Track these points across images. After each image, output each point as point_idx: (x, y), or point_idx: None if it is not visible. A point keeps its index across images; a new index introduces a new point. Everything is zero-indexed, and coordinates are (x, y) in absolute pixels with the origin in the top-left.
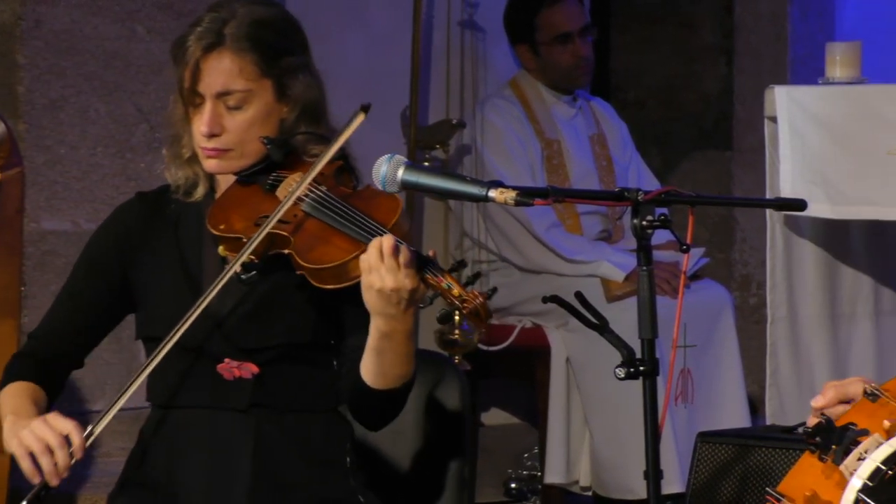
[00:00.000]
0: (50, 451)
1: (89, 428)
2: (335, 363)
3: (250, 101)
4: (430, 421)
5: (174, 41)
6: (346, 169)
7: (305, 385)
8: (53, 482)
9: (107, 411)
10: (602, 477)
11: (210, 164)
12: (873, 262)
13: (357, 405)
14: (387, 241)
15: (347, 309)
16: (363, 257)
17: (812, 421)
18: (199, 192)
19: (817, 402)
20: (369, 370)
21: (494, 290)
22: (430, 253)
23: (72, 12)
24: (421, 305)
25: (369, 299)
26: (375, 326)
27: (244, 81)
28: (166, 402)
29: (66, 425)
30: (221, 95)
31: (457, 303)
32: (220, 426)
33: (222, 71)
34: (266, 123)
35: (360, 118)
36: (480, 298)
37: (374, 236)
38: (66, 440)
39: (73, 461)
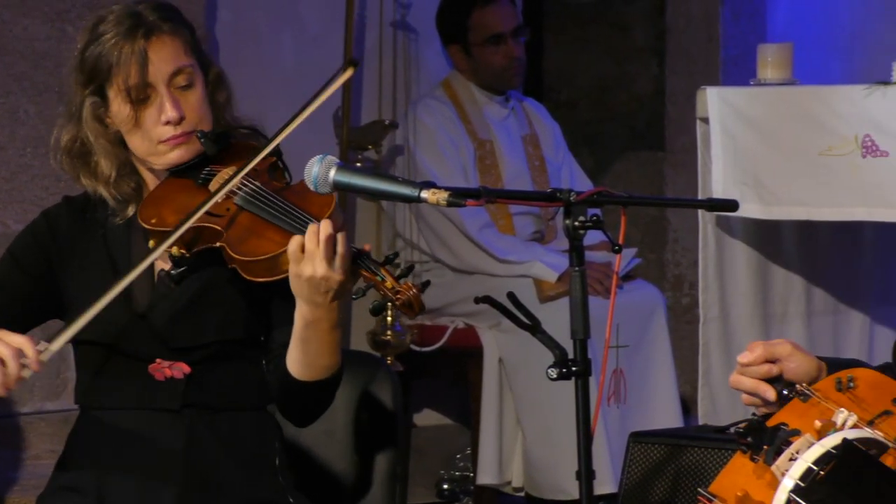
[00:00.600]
0: (2, 363)
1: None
2: (264, 361)
3: (196, 76)
4: (362, 422)
5: (89, 56)
6: (279, 165)
7: (237, 383)
8: (1, 392)
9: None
10: (534, 477)
11: (176, 154)
12: (805, 263)
13: (284, 400)
14: (324, 227)
15: (276, 302)
16: (294, 243)
17: (736, 379)
18: (130, 211)
19: (744, 357)
20: (295, 360)
21: (427, 283)
22: (365, 247)
23: (1, 13)
24: (353, 297)
25: (297, 287)
26: (300, 314)
27: (187, 57)
28: (96, 404)
29: (19, 339)
30: (174, 77)
31: (390, 294)
32: (152, 427)
33: (168, 52)
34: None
35: (350, 72)
36: (414, 290)
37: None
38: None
39: (29, 373)
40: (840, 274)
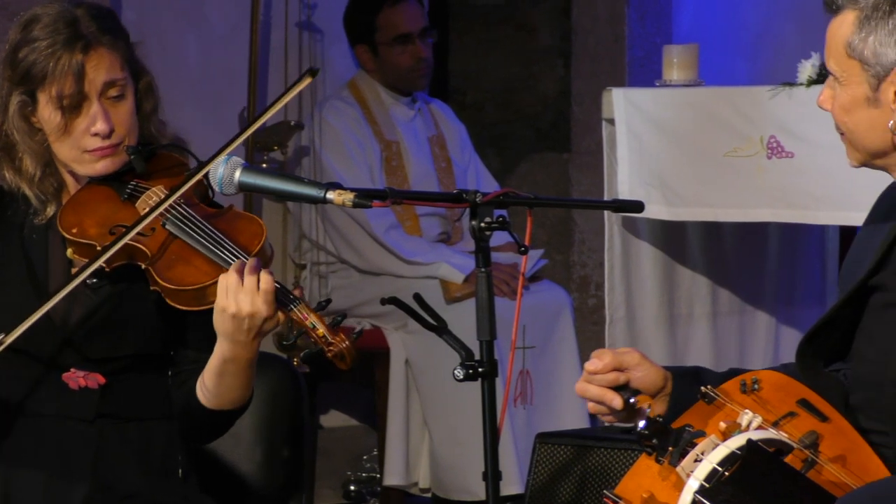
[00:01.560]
0: None
1: None
2: (170, 372)
3: (127, 88)
4: (269, 424)
5: (23, 59)
6: (206, 184)
7: (148, 393)
8: None
9: None
10: (441, 478)
11: (102, 165)
12: (710, 264)
13: (185, 422)
14: (249, 264)
15: (192, 320)
16: (221, 278)
17: (582, 387)
18: (50, 211)
19: (592, 365)
20: (206, 390)
21: (361, 332)
22: (297, 292)
23: None
24: (285, 343)
25: (220, 323)
26: (220, 351)
27: (121, 70)
28: (9, 410)
29: None
30: (106, 88)
31: (322, 344)
32: (64, 436)
33: (105, 66)
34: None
35: (307, 80)
36: (347, 342)
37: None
38: None
39: None
40: (746, 275)
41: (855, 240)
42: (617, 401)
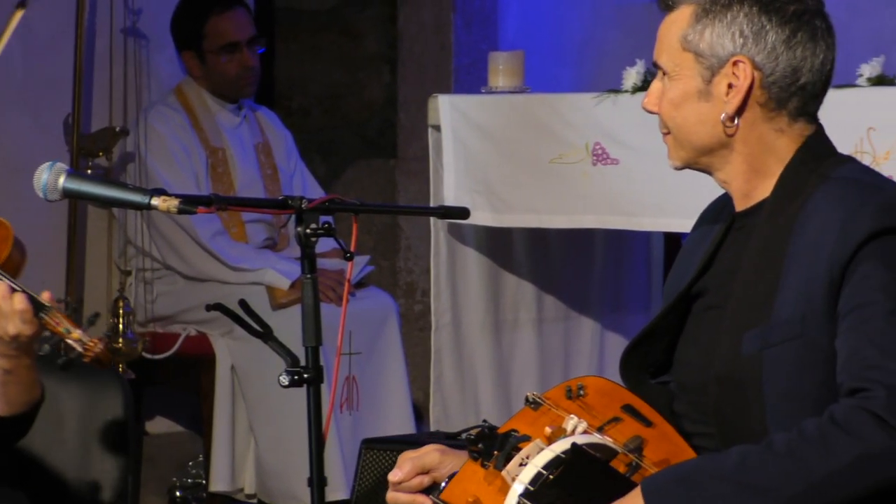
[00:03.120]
0: None
1: None
2: None
3: None
4: (94, 430)
5: None
6: None
7: None
8: None
9: None
10: (267, 484)
11: None
12: (535, 270)
13: None
14: (1, 293)
15: None
16: None
17: (392, 497)
18: None
19: (394, 476)
20: None
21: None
22: (45, 295)
23: None
24: (40, 353)
25: None
26: None
27: None
28: None
29: None
30: None
31: (78, 348)
32: None
33: None
34: None
35: (19, 14)
36: (101, 345)
37: None
38: None
39: None
40: (571, 281)
41: (680, 252)
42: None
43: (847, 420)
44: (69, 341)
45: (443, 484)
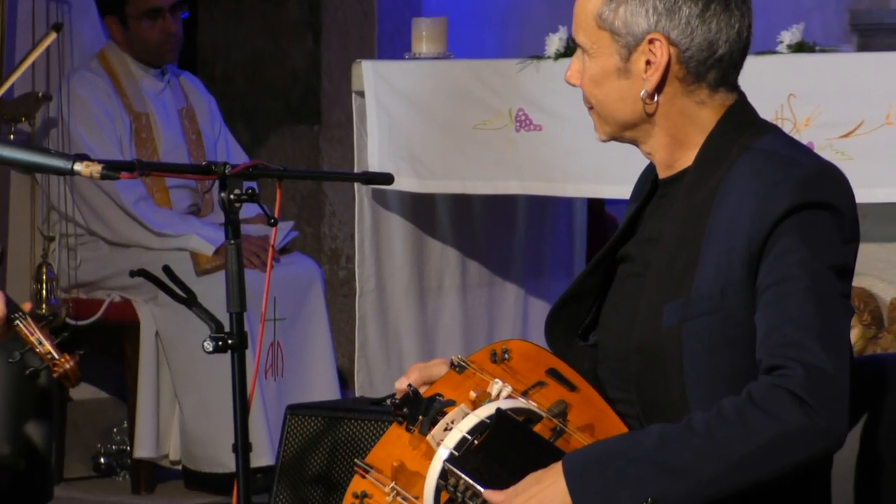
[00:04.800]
0: None
1: None
2: None
3: None
4: (17, 396)
5: None
6: None
7: None
8: None
9: None
10: (192, 451)
11: None
12: (460, 236)
13: None
14: None
15: None
16: None
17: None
18: None
19: (401, 383)
20: None
21: (84, 353)
22: (25, 306)
23: None
24: (10, 360)
25: None
26: None
27: None
28: None
29: None
30: None
31: (47, 361)
32: None
33: None
34: None
35: (52, 36)
36: (71, 363)
37: None
38: None
39: None
40: (495, 247)
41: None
42: None
43: (764, 399)
44: (38, 352)
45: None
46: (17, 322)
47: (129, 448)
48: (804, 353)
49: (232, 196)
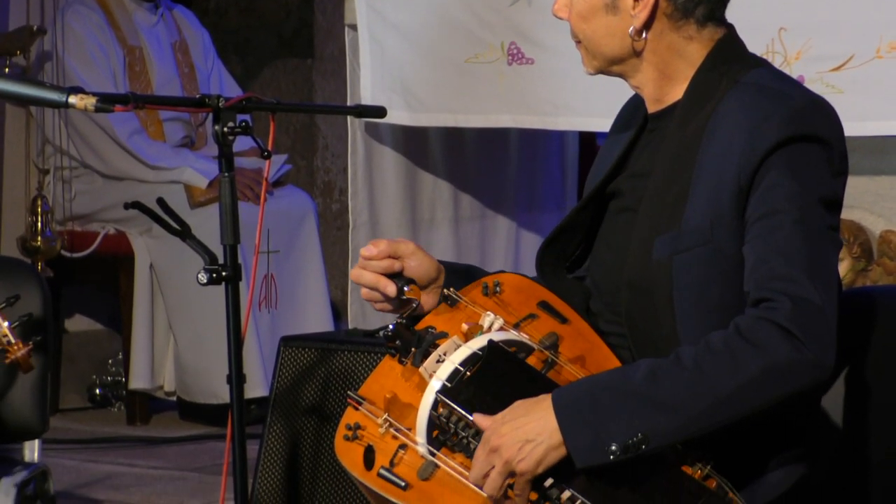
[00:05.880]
0: None
1: None
2: None
3: None
4: (12, 327)
5: None
6: None
7: None
8: None
9: None
10: (186, 382)
11: None
12: (452, 169)
13: None
14: None
15: None
16: None
17: (357, 273)
18: None
19: (367, 251)
20: None
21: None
22: None
23: None
24: None
25: None
26: None
27: None
28: None
29: None
30: None
31: (2, 345)
32: None
33: None
34: None
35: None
36: (24, 351)
37: None
38: None
39: None
40: (487, 180)
41: (599, 151)
42: (391, 287)
43: (752, 332)
44: None
45: (405, 287)
46: None
47: (123, 379)
48: (791, 285)
49: (225, 129)
